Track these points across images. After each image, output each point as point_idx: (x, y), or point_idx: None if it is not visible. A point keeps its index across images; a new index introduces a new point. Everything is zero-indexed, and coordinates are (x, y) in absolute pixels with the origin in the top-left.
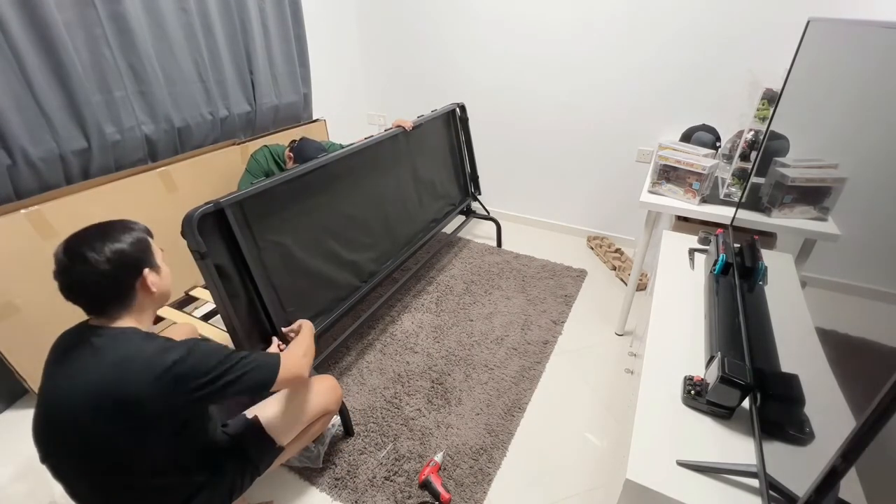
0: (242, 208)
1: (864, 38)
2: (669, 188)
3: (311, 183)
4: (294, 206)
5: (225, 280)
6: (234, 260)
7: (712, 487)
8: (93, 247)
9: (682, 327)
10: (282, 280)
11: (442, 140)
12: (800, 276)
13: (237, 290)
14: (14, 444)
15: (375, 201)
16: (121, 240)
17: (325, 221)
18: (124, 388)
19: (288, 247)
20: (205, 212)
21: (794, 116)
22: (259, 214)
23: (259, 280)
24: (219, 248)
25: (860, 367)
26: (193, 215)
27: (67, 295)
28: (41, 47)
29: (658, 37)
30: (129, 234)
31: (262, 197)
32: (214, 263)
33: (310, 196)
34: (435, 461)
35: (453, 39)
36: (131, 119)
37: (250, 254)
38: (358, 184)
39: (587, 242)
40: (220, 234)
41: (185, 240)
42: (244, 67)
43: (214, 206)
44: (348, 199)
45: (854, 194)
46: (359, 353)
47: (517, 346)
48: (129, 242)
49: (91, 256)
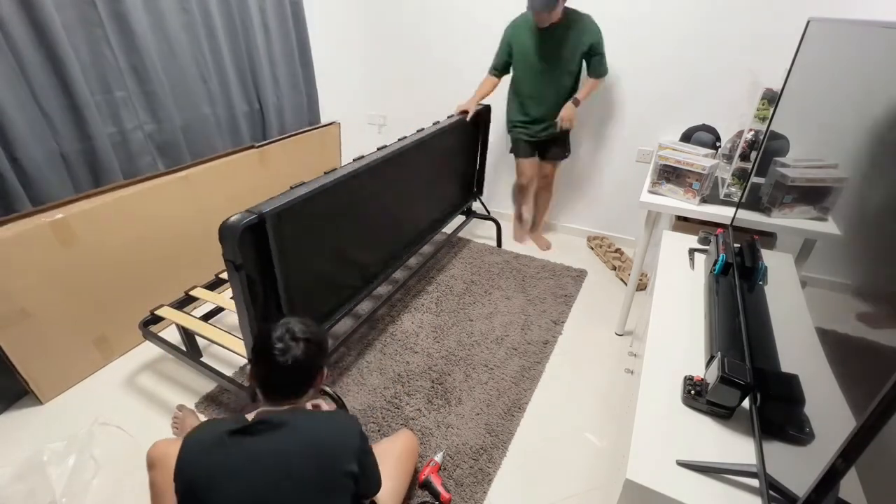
0: (280, 218)
1: (864, 38)
2: (669, 188)
3: (343, 188)
4: (324, 213)
5: (250, 288)
6: (262, 268)
7: (712, 487)
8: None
9: (682, 327)
10: (297, 285)
11: (463, 140)
12: (800, 276)
13: (257, 295)
14: (14, 444)
15: (389, 203)
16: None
17: (344, 225)
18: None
19: (309, 253)
20: (249, 223)
21: (794, 116)
22: (293, 224)
23: (282, 290)
24: (250, 259)
25: (860, 367)
26: (237, 226)
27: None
28: (41, 47)
29: (658, 37)
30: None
31: (301, 206)
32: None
33: (339, 201)
34: (435, 461)
35: (454, 41)
36: (133, 119)
37: (280, 265)
38: (378, 186)
39: (587, 242)
40: (254, 243)
41: (223, 247)
42: (245, 67)
43: (258, 217)
44: (367, 202)
45: (854, 194)
46: (359, 353)
47: (517, 346)
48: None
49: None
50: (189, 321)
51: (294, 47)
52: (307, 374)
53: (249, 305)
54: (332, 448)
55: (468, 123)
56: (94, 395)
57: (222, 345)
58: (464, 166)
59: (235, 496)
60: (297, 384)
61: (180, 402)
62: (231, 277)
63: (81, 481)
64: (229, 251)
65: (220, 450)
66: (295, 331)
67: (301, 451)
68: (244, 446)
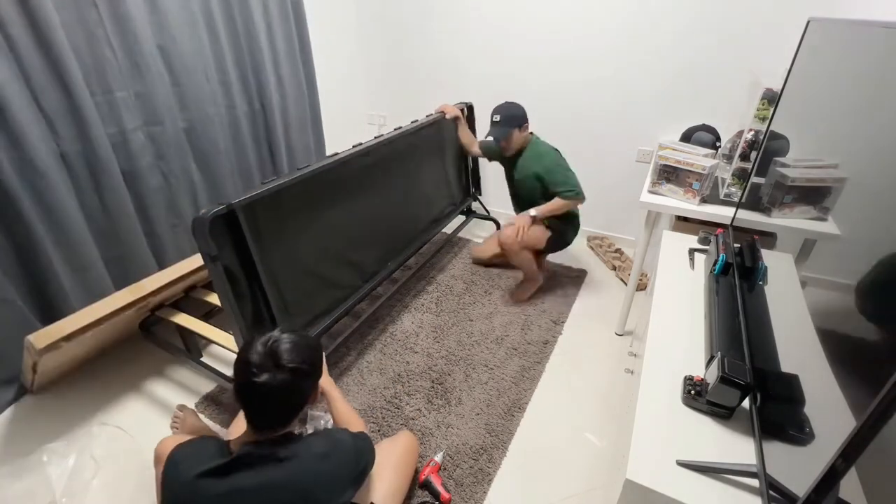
0: (253, 210)
1: (864, 38)
2: (669, 188)
3: (320, 183)
4: (302, 207)
5: (232, 282)
6: (242, 261)
7: (712, 487)
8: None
9: (682, 327)
10: (286, 281)
11: (449, 139)
12: (800, 276)
13: (243, 291)
14: (14, 444)
15: (382, 200)
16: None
17: (331, 222)
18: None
19: (294, 248)
20: (217, 213)
21: (794, 116)
22: (268, 216)
23: (266, 283)
24: (227, 250)
25: (860, 367)
26: (205, 217)
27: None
28: (41, 47)
29: (658, 37)
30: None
31: (272, 198)
32: (223, 265)
33: (318, 196)
34: (435, 461)
35: (453, 40)
36: (134, 120)
37: (259, 256)
38: (365, 183)
39: (587, 242)
40: (230, 235)
41: (196, 241)
42: (247, 66)
43: (226, 207)
44: (355, 199)
45: (854, 194)
46: (359, 353)
47: (517, 346)
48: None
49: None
50: (188, 321)
51: (295, 46)
52: (294, 403)
53: (231, 299)
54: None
55: (449, 124)
56: (94, 395)
57: (222, 345)
58: (455, 166)
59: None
60: (283, 414)
61: (180, 402)
62: (211, 272)
63: (81, 481)
64: (202, 242)
65: (197, 498)
66: (280, 355)
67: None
68: (217, 490)
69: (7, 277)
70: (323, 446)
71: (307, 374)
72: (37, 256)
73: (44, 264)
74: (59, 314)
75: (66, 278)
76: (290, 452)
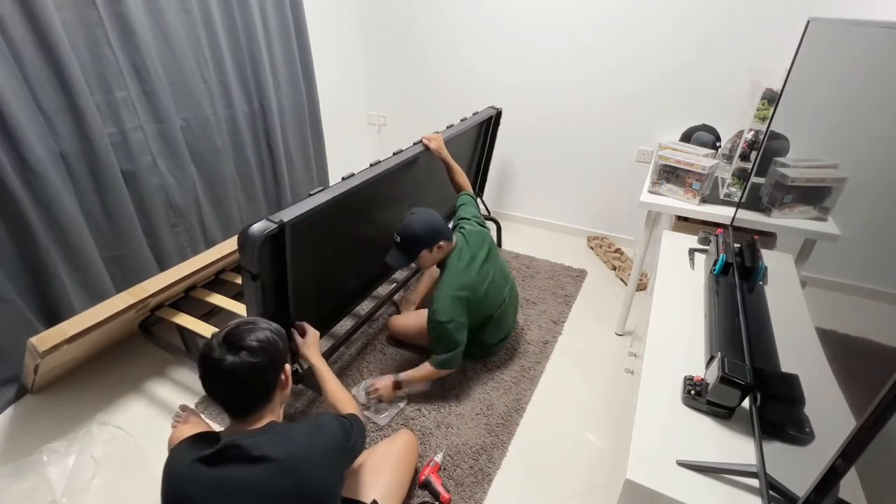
0: (300, 226)
1: (864, 38)
2: (669, 188)
3: (354, 195)
4: (338, 220)
5: (262, 294)
6: (275, 275)
7: (712, 487)
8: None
9: (682, 327)
10: (305, 290)
11: (468, 144)
12: (800, 276)
13: (269, 301)
14: (14, 444)
15: (398, 206)
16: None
17: (354, 233)
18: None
19: (321, 259)
20: (271, 233)
21: (794, 116)
22: (310, 231)
23: (291, 295)
24: (266, 266)
25: (860, 367)
26: (259, 235)
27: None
28: (41, 47)
29: (658, 37)
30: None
31: (318, 214)
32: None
33: (351, 209)
34: (435, 461)
35: (454, 40)
36: (134, 119)
37: (294, 273)
38: (384, 192)
39: (587, 242)
40: (271, 251)
41: (241, 256)
42: (246, 67)
43: (279, 227)
44: (377, 209)
45: (854, 194)
46: (359, 353)
47: (517, 346)
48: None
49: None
50: (188, 321)
51: (294, 46)
52: (260, 383)
53: (259, 312)
54: (321, 490)
55: (478, 126)
56: (94, 395)
57: None
58: (467, 168)
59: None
60: (253, 397)
61: (181, 401)
62: (246, 286)
63: (81, 481)
64: (248, 261)
65: (191, 482)
66: (234, 339)
67: (279, 495)
68: (208, 476)
69: (7, 277)
70: (308, 430)
71: (265, 351)
72: (37, 256)
73: (44, 264)
74: (59, 314)
75: (66, 278)
76: (275, 440)
